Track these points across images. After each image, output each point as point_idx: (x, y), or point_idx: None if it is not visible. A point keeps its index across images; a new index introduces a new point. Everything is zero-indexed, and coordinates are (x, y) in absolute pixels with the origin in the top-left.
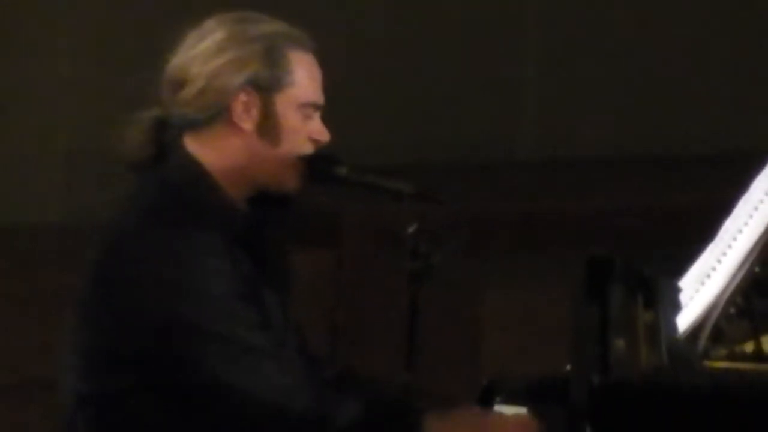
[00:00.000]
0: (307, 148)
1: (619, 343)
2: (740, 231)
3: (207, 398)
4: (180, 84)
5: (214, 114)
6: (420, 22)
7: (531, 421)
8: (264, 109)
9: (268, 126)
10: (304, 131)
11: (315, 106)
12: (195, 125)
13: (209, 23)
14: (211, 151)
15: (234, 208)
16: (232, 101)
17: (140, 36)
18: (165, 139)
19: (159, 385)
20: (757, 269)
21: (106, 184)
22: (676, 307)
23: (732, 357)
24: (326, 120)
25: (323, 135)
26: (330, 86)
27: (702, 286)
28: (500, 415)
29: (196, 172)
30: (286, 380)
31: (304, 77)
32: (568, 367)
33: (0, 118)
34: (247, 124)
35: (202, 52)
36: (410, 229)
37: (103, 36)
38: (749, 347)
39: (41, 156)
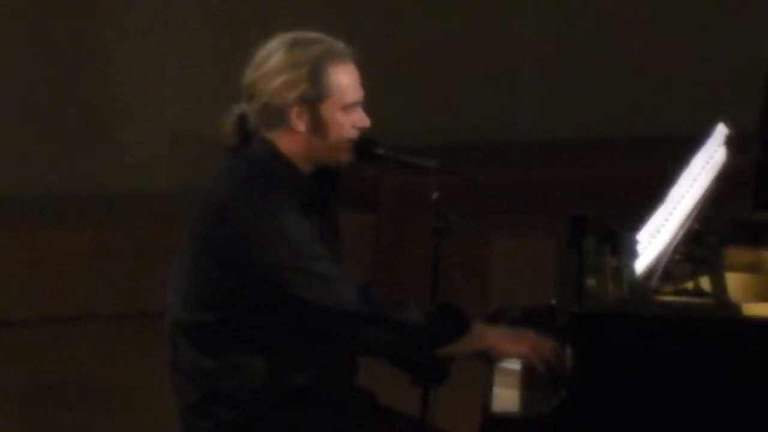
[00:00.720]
0: (353, 134)
1: (592, 282)
2: (683, 196)
3: (294, 315)
4: (250, 96)
5: (276, 120)
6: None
7: (552, 341)
8: (313, 115)
9: (318, 126)
10: (348, 123)
11: (355, 104)
12: (264, 126)
13: (272, 45)
14: (279, 142)
15: (303, 179)
16: (288, 112)
17: (236, 36)
18: (247, 129)
19: (250, 312)
20: (696, 226)
21: (200, 161)
22: (634, 254)
23: (677, 293)
24: (368, 110)
25: (364, 122)
26: (371, 83)
27: (654, 239)
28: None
29: (273, 152)
30: (355, 294)
31: (342, 86)
32: (554, 300)
33: (119, 107)
34: (302, 127)
35: (264, 74)
36: (434, 196)
37: (205, 37)
38: (690, 285)
39: (150, 138)
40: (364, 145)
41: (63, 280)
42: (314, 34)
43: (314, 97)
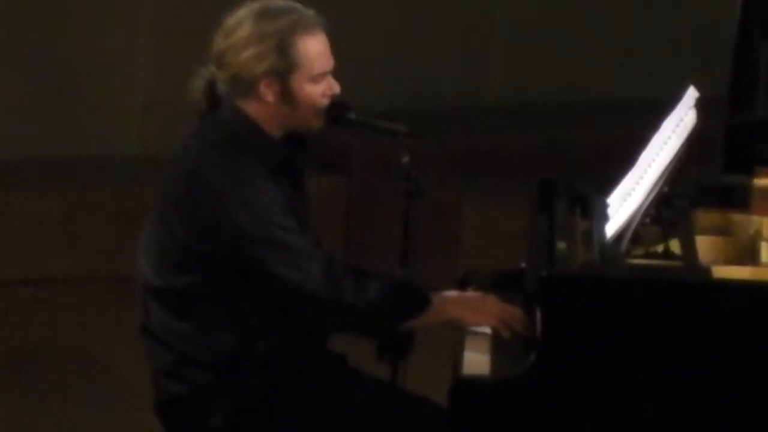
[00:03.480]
0: (323, 102)
1: (562, 245)
2: (653, 160)
3: (258, 285)
4: (219, 66)
5: (246, 91)
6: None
7: (516, 308)
8: (282, 86)
9: (287, 97)
10: (318, 93)
11: (324, 73)
12: (233, 95)
13: (240, 13)
14: (249, 109)
15: (273, 144)
16: (257, 84)
17: (209, 3)
18: (216, 94)
19: (220, 278)
20: (666, 189)
21: (171, 127)
22: (605, 217)
23: (647, 255)
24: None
25: (334, 89)
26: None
27: (624, 202)
28: (489, 295)
29: (242, 118)
30: (320, 269)
31: (310, 57)
32: (524, 263)
33: (89, 72)
34: (271, 98)
35: (233, 45)
36: (404, 160)
37: (178, 3)
38: (660, 248)
39: (121, 103)
40: (335, 110)
41: (34, 245)
42: (283, 3)
43: (283, 70)
